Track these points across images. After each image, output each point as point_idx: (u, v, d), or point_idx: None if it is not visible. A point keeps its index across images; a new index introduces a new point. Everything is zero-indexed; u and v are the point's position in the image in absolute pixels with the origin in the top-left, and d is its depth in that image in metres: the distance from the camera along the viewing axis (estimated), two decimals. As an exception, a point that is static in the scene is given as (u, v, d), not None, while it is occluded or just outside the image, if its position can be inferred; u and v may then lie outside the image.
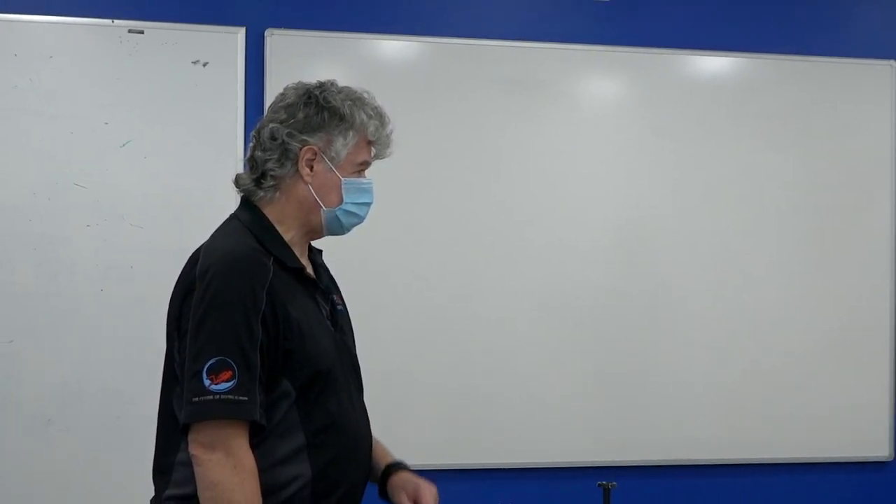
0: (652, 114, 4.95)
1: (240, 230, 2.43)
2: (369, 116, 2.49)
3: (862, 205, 5.13)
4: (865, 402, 5.13)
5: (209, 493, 2.25)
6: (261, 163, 2.45)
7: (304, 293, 2.44)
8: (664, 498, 4.94)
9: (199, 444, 2.26)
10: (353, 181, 2.50)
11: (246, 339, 2.27)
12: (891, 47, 5.19)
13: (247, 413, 2.26)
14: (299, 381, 2.36)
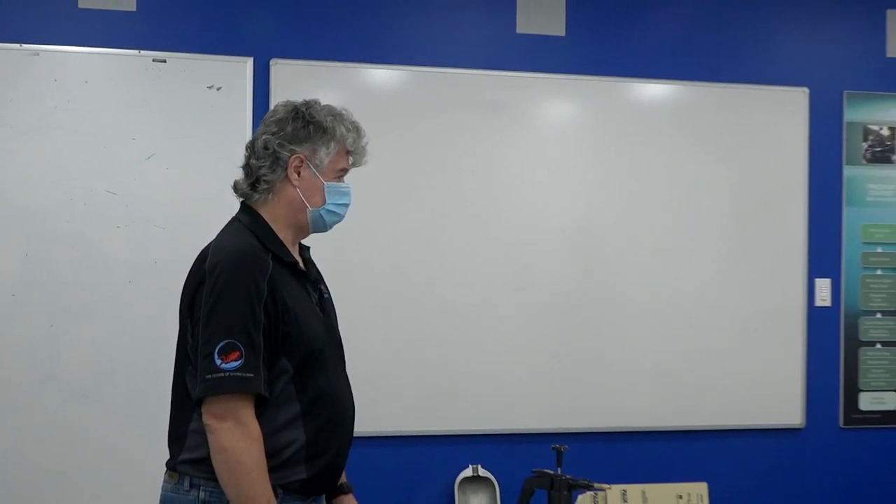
0: (601, 132, 4.95)
1: (242, 231, 2.45)
2: (348, 130, 2.52)
3: (780, 210, 5.14)
4: (782, 377, 5.14)
5: (221, 456, 2.28)
6: (255, 169, 2.48)
7: (297, 284, 2.47)
8: (609, 459, 4.91)
9: (212, 415, 2.29)
10: (334, 185, 2.53)
11: (251, 324, 2.30)
12: (805, 76, 5.18)
13: (253, 387, 2.29)
14: (296, 359, 2.38)
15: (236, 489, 2.28)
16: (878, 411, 5.26)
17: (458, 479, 4.74)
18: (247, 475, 2.27)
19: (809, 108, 5.18)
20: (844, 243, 5.24)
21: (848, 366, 5.23)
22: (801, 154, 5.16)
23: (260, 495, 2.27)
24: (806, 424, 5.19)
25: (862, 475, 5.25)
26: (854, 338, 5.24)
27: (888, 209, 5.28)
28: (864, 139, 5.25)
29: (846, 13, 5.25)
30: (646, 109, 5.01)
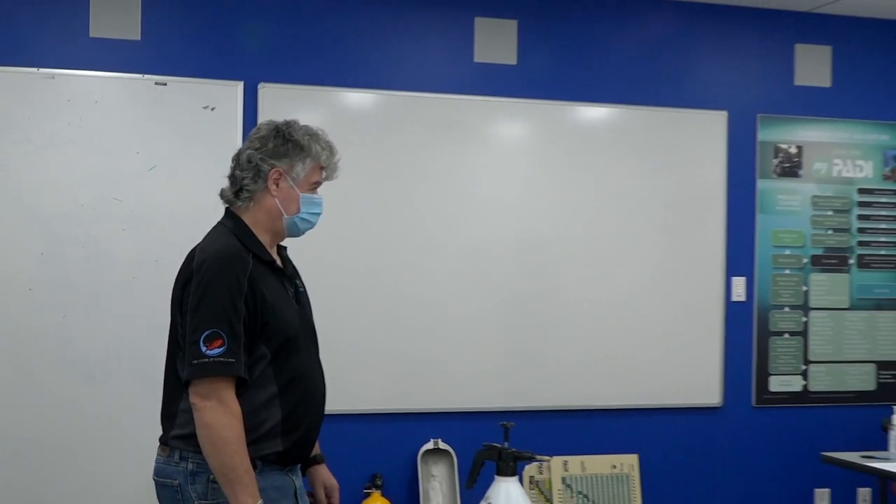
0: (548, 150, 4.97)
1: (226, 233, 2.46)
2: (322, 148, 2.53)
3: (702, 217, 5.17)
4: (703, 362, 5.17)
5: (205, 431, 2.29)
6: (239, 179, 2.49)
7: (274, 279, 2.48)
8: (553, 434, 4.91)
9: (198, 395, 2.30)
10: (309, 196, 2.54)
11: (233, 316, 2.31)
12: (724, 101, 5.21)
13: (234, 370, 2.31)
14: (273, 345, 2.40)
15: (218, 460, 2.29)
16: (786, 392, 5.30)
17: (420, 451, 4.75)
18: (227, 447, 2.28)
19: (728, 129, 5.21)
20: (757, 246, 5.27)
21: (760, 353, 5.26)
22: (721, 168, 5.20)
23: (239, 465, 2.28)
24: (723, 404, 5.22)
25: (772, 448, 5.28)
26: (765, 329, 5.27)
27: (795, 217, 5.31)
28: (775, 156, 5.29)
29: (760, 46, 5.28)
30: (586, 129, 5.03)
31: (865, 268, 5.42)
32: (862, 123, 5.41)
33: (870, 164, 5.43)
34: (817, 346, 5.36)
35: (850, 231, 5.40)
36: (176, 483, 2.39)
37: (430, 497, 4.78)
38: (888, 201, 5.45)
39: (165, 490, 2.43)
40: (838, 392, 5.37)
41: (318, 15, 4.73)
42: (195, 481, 2.36)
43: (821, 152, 5.35)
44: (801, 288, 5.34)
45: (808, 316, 5.35)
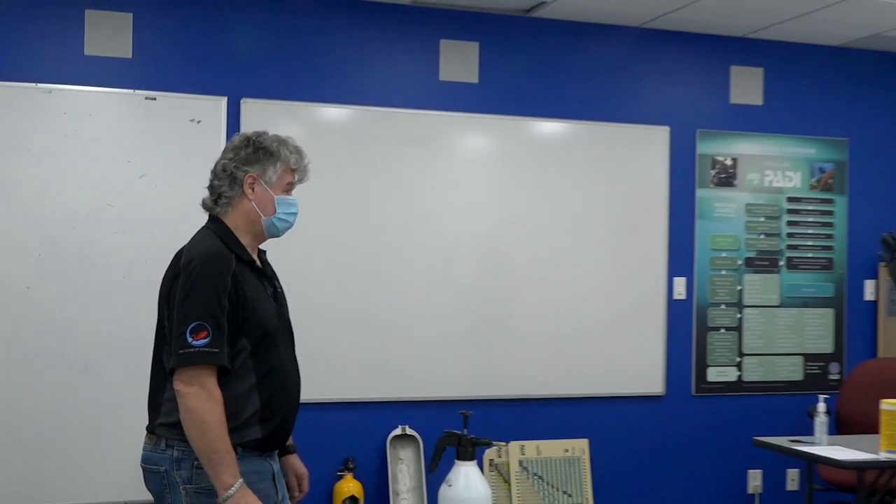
0: (507, 160, 4.99)
1: (211, 235, 2.47)
2: (291, 152, 2.54)
3: (647, 223, 5.21)
4: (647, 355, 5.20)
5: (189, 415, 2.29)
6: (217, 188, 2.51)
7: (255, 278, 2.48)
8: (511, 420, 4.94)
9: (182, 382, 2.30)
10: (283, 198, 2.54)
11: (217, 310, 2.32)
12: (667, 117, 5.25)
13: (217, 360, 2.32)
14: (252, 339, 2.41)
15: (202, 442, 2.29)
16: (722, 382, 5.34)
17: (389, 436, 4.76)
18: (210, 430, 2.28)
19: (670, 143, 5.24)
20: (696, 249, 5.30)
21: (699, 346, 5.30)
22: (663, 178, 5.24)
23: (221, 446, 2.28)
24: (666, 392, 5.25)
25: (709, 432, 5.32)
26: (703, 324, 5.31)
27: (730, 222, 5.35)
28: (712, 167, 5.33)
29: (699, 68, 5.32)
30: (542, 142, 5.06)
31: (794, 269, 5.47)
32: (791, 138, 5.47)
33: (798, 175, 5.48)
34: (750, 340, 5.40)
35: (780, 236, 5.44)
36: (162, 469, 2.39)
37: (398, 479, 4.79)
38: (814, 209, 5.51)
39: (152, 476, 2.43)
40: (769, 382, 5.42)
41: (296, 36, 4.73)
42: (180, 467, 2.36)
43: (754, 164, 5.40)
44: (735, 287, 5.38)
45: (742, 313, 5.39)
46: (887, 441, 3.94)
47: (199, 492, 2.34)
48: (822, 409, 4.25)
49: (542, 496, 4.93)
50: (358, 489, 4.63)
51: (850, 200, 5.57)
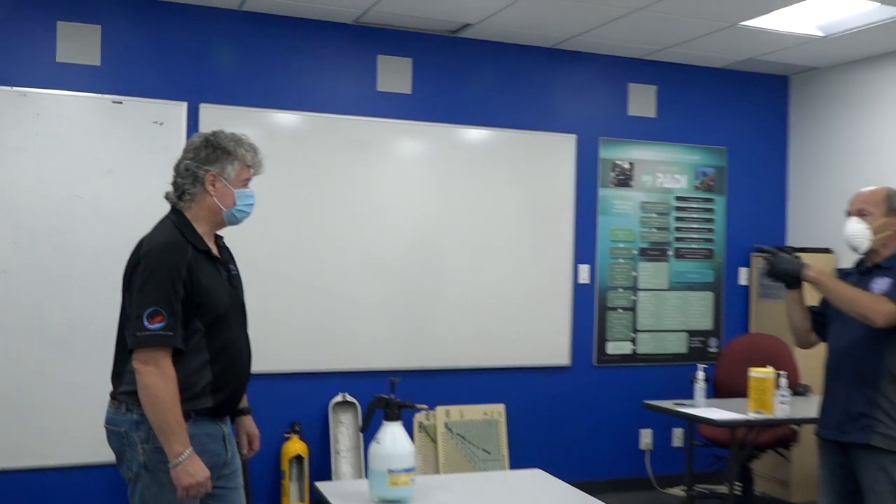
0: (436, 163, 5.00)
1: (170, 226, 2.42)
2: (246, 150, 2.49)
3: (557, 217, 5.25)
4: (556, 331, 5.25)
5: (144, 391, 2.27)
6: (181, 185, 2.45)
7: (210, 265, 2.43)
8: (438, 388, 4.95)
9: (139, 361, 2.27)
10: (242, 191, 2.49)
11: (172, 296, 2.28)
12: (574, 126, 5.29)
13: (171, 342, 2.28)
14: (206, 321, 2.37)
15: (155, 415, 2.27)
16: (619, 354, 5.42)
17: (331, 403, 4.76)
18: (163, 405, 2.26)
19: (576, 148, 5.29)
20: (598, 241, 5.36)
21: (600, 324, 5.37)
22: (571, 179, 5.28)
23: (172, 419, 2.26)
24: (572, 364, 5.31)
25: (608, 398, 5.40)
26: (604, 305, 5.38)
27: (627, 218, 5.43)
28: (612, 170, 5.39)
29: (602, 84, 5.36)
30: (467, 146, 5.07)
31: (680, 258, 5.57)
32: (679, 146, 5.56)
33: (685, 178, 5.58)
34: (643, 319, 5.48)
35: (669, 229, 5.53)
36: (122, 430, 2.36)
37: (338, 440, 4.79)
38: (698, 206, 5.62)
39: (114, 436, 2.40)
40: (659, 354, 5.52)
41: (250, 48, 4.68)
42: (139, 429, 2.34)
43: (647, 168, 5.48)
44: (631, 273, 5.45)
45: (636, 295, 5.47)
46: (754, 403, 4.04)
47: (155, 450, 2.32)
48: (701, 376, 4.33)
49: (465, 454, 4.96)
50: (303, 449, 4.62)
51: (728, 200, 5.70)
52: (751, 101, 5.76)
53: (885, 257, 2.96)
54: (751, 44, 5.07)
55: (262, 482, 4.63)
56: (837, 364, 3.03)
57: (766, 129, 5.82)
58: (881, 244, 2.96)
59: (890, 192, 3.00)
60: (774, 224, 5.82)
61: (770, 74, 5.78)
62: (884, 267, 2.95)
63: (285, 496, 4.56)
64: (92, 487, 4.33)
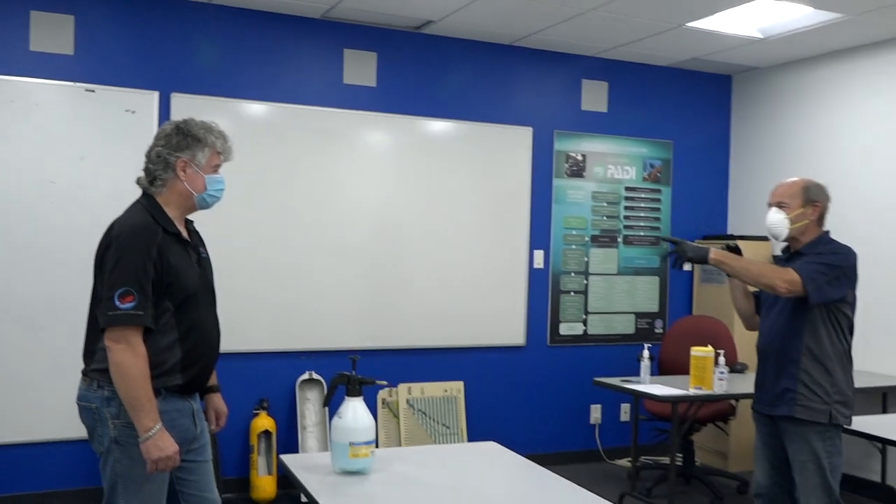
0: (400, 153, 4.97)
1: (141, 210, 2.38)
2: (216, 137, 2.46)
3: (514, 205, 5.25)
4: (512, 313, 5.26)
5: (115, 368, 2.24)
6: (152, 171, 2.41)
7: (180, 247, 2.40)
8: (400, 367, 4.94)
9: (111, 339, 2.24)
10: (212, 177, 2.45)
11: (143, 277, 2.25)
12: (531, 119, 5.30)
13: (142, 321, 2.25)
14: (175, 301, 2.34)
15: (126, 391, 2.24)
16: (571, 335, 5.45)
17: (298, 380, 4.73)
18: (134, 382, 2.23)
19: (533, 140, 5.30)
20: (552, 228, 5.38)
21: (553, 306, 5.39)
22: (527, 170, 5.29)
23: (143, 395, 2.24)
24: (526, 343, 5.33)
25: (561, 375, 5.43)
26: (557, 288, 5.40)
27: (579, 206, 5.45)
28: (566, 162, 5.40)
29: (557, 80, 5.36)
30: (429, 137, 5.05)
31: (629, 245, 5.61)
32: (629, 139, 5.59)
33: (634, 169, 5.62)
34: (594, 301, 5.52)
35: (619, 218, 5.57)
36: (94, 406, 2.33)
37: (305, 415, 4.77)
38: (646, 196, 5.66)
39: (86, 412, 2.37)
40: (608, 334, 5.56)
41: (221, 40, 4.60)
42: (110, 405, 2.30)
43: (599, 160, 5.50)
44: (583, 259, 5.48)
45: (588, 279, 5.49)
46: (695, 380, 4.10)
47: (125, 426, 2.29)
48: (646, 355, 4.38)
49: (426, 428, 4.97)
50: (271, 424, 4.59)
51: (674, 190, 5.75)
52: (696, 98, 5.81)
53: (805, 244, 3.04)
54: (696, 44, 5.10)
55: (232, 456, 4.60)
56: (766, 344, 3.13)
57: (710, 124, 5.87)
58: (799, 232, 3.05)
59: (807, 183, 3.08)
60: (716, 213, 5.88)
61: (714, 73, 5.83)
62: (804, 253, 3.03)
63: (254, 469, 4.52)
64: (64, 462, 4.26)
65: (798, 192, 3.05)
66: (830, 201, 3.11)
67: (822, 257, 2.95)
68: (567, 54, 5.39)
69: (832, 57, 5.19)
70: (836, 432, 2.98)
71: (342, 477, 2.39)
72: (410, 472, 2.48)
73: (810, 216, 3.03)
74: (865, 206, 4.89)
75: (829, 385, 2.95)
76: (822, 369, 2.96)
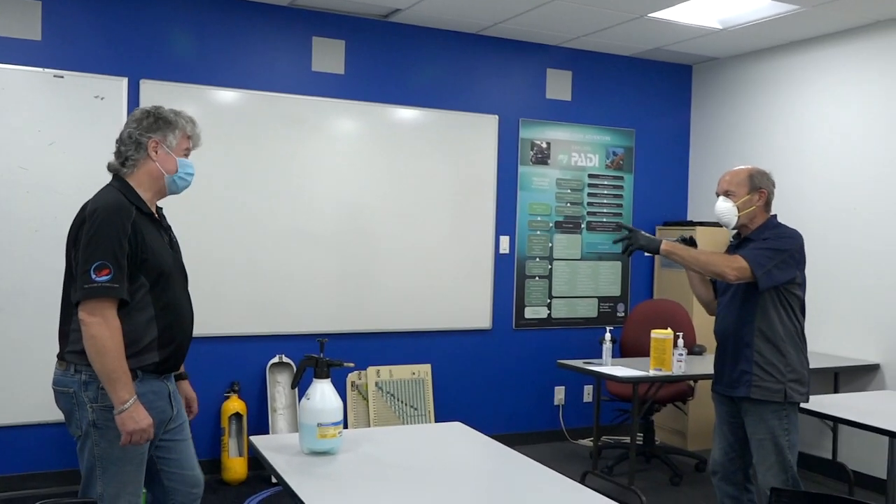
0: (369, 139, 4.97)
1: (114, 191, 2.40)
2: (186, 121, 2.50)
3: (480, 192, 5.28)
4: (479, 297, 5.30)
5: (91, 341, 2.25)
6: (124, 153, 2.43)
7: (153, 227, 2.43)
8: (369, 350, 4.96)
9: (86, 312, 2.25)
10: (182, 160, 2.48)
11: (118, 251, 2.27)
12: (497, 108, 5.32)
13: (117, 293, 2.27)
14: (151, 277, 2.36)
15: (101, 364, 2.25)
16: (536, 318, 5.50)
17: (268, 364, 4.74)
18: (109, 354, 2.24)
19: (498, 128, 5.33)
20: (518, 214, 5.41)
21: (518, 290, 5.43)
22: (493, 156, 5.32)
23: (118, 368, 2.25)
24: (492, 327, 5.37)
25: (526, 358, 5.49)
26: (522, 273, 5.44)
27: (544, 193, 5.49)
28: (531, 149, 5.44)
29: (521, 68, 5.39)
30: (397, 124, 5.06)
31: (592, 230, 5.67)
32: (592, 128, 5.64)
33: (597, 157, 5.67)
34: (558, 286, 5.57)
35: (582, 204, 5.62)
36: (71, 391, 2.33)
37: (275, 398, 4.78)
38: (608, 184, 5.72)
39: (63, 396, 2.37)
40: (572, 318, 5.62)
41: (191, 26, 4.57)
42: (87, 389, 2.31)
43: (563, 147, 5.55)
44: (548, 244, 5.52)
45: (552, 264, 5.54)
46: (655, 361, 4.17)
47: (104, 409, 2.30)
48: (608, 338, 4.45)
49: (394, 410, 5.01)
50: (242, 407, 4.60)
51: (636, 178, 5.82)
52: (657, 88, 5.88)
53: (753, 230, 3.12)
54: (658, 34, 5.17)
55: (203, 438, 4.60)
56: (722, 329, 3.21)
57: (671, 113, 5.95)
58: (748, 219, 3.13)
59: (753, 171, 3.16)
60: (677, 200, 5.97)
61: (675, 63, 5.90)
62: (752, 239, 3.11)
63: (225, 451, 4.54)
64: (41, 445, 4.25)
65: (744, 181, 3.13)
66: (776, 187, 3.19)
67: (769, 242, 3.04)
68: (532, 44, 5.42)
69: (789, 48, 5.28)
70: (793, 410, 3.07)
71: (310, 457, 2.42)
72: (378, 452, 2.52)
73: (757, 202, 3.11)
74: (821, 193, 5.00)
75: (783, 365, 3.04)
76: (774, 350, 3.04)
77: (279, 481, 2.27)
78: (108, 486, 2.32)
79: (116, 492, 2.32)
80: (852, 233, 4.81)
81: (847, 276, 4.84)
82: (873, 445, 4.46)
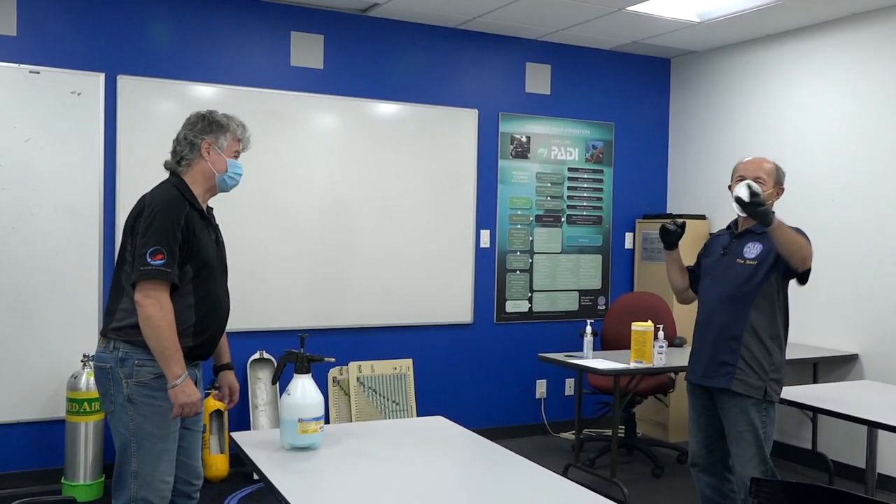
0: (348, 134, 4.95)
1: (170, 187, 2.55)
2: (237, 125, 2.67)
3: (460, 186, 5.27)
4: (460, 291, 5.29)
5: (146, 321, 2.38)
6: (179, 153, 2.60)
7: (202, 223, 2.59)
8: (350, 345, 4.95)
9: (142, 294, 2.39)
10: (232, 161, 2.64)
11: (172, 239, 2.42)
12: (476, 102, 5.31)
13: (170, 277, 2.41)
14: (196, 267, 2.51)
15: (157, 342, 2.38)
16: (517, 312, 5.51)
17: (249, 360, 4.71)
18: (164, 333, 2.38)
19: (478, 122, 5.32)
20: (498, 208, 5.42)
21: (499, 284, 5.44)
22: (473, 151, 5.32)
23: (172, 345, 2.39)
24: (474, 321, 5.37)
25: (507, 352, 5.50)
26: (503, 267, 5.45)
27: (524, 187, 5.50)
28: (511, 143, 5.44)
29: (501, 64, 5.39)
30: (376, 119, 5.04)
31: (573, 224, 5.68)
32: (571, 121, 5.65)
33: (577, 150, 5.68)
34: (539, 280, 5.58)
35: (563, 198, 5.63)
36: (108, 366, 2.45)
37: (256, 394, 4.76)
38: (588, 177, 5.74)
39: (101, 372, 2.48)
40: (553, 312, 5.63)
41: (168, 21, 4.53)
42: (123, 365, 2.43)
43: (543, 141, 5.55)
44: (528, 238, 5.53)
45: (533, 258, 5.55)
46: (635, 353, 4.19)
47: (138, 384, 2.43)
48: (589, 331, 4.45)
49: (376, 405, 5.00)
50: (222, 404, 4.56)
51: (615, 171, 5.84)
52: (636, 81, 5.90)
53: (754, 223, 3.08)
54: (636, 28, 5.18)
55: (184, 436, 4.56)
56: (707, 317, 3.18)
57: (650, 106, 5.97)
58: None
59: (778, 166, 3.14)
60: (656, 193, 6.00)
61: (653, 57, 5.92)
62: (756, 232, 3.09)
63: (206, 448, 4.50)
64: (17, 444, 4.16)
65: (772, 172, 3.09)
66: None
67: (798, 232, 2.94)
68: (511, 37, 5.41)
69: (766, 40, 5.31)
70: (771, 405, 3.08)
71: (292, 453, 2.42)
72: (359, 447, 2.51)
73: (774, 198, 3.10)
74: (799, 184, 5.03)
75: (768, 363, 3.03)
76: (762, 347, 3.02)
77: (260, 477, 2.26)
78: (143, 462, 2.43)
79: (150, 469, 2.43)
80: (830, 224, 4.85)
81: (826, 268, 4.87)
82: (852, 435, 4.50)
